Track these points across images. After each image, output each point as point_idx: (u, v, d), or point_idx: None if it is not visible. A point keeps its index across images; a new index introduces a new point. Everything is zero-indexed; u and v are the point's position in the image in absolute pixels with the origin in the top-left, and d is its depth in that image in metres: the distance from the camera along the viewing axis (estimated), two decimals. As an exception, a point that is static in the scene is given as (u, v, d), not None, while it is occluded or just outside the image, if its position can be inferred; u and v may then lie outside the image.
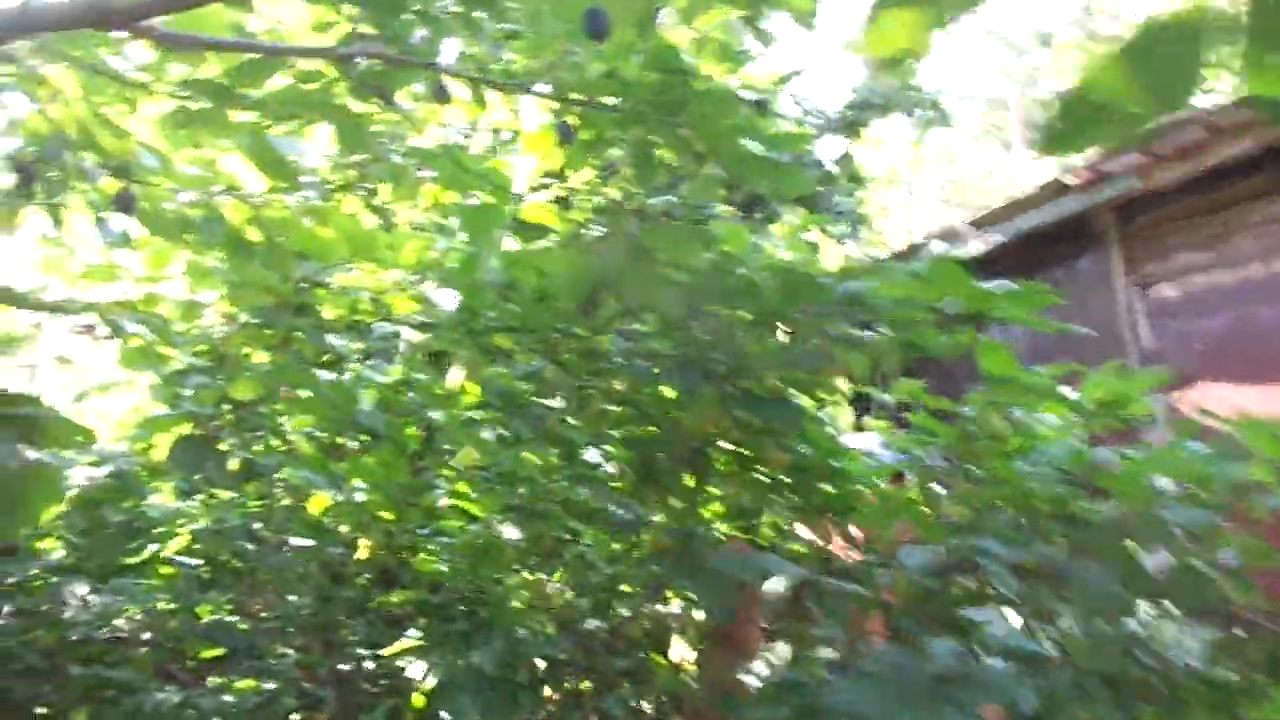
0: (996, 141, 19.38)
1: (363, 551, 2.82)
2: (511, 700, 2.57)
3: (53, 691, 3.09)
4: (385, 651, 3.13)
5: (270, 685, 3.12)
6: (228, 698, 3.12)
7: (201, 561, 3.32)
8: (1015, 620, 2.00)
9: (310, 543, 3.18)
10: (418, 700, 2.87)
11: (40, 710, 3.07)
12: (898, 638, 1.92)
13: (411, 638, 3.01)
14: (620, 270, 2.08)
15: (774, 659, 2.29)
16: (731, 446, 2.26)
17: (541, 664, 2.89)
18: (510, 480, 2.72)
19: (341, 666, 3.31)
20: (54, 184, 2.30)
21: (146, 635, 3.59)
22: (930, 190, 16.57)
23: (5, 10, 1.33)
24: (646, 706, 3.15)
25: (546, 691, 3.03)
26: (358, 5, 1.84)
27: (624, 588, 3.23)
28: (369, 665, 3.29)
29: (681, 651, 3.13)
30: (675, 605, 3.33)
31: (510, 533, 3.05)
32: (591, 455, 2.68)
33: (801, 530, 2.73)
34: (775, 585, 1.96)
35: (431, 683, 2.72)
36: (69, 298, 3.60)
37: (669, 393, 2.27)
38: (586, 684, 3.16)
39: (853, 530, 2.41)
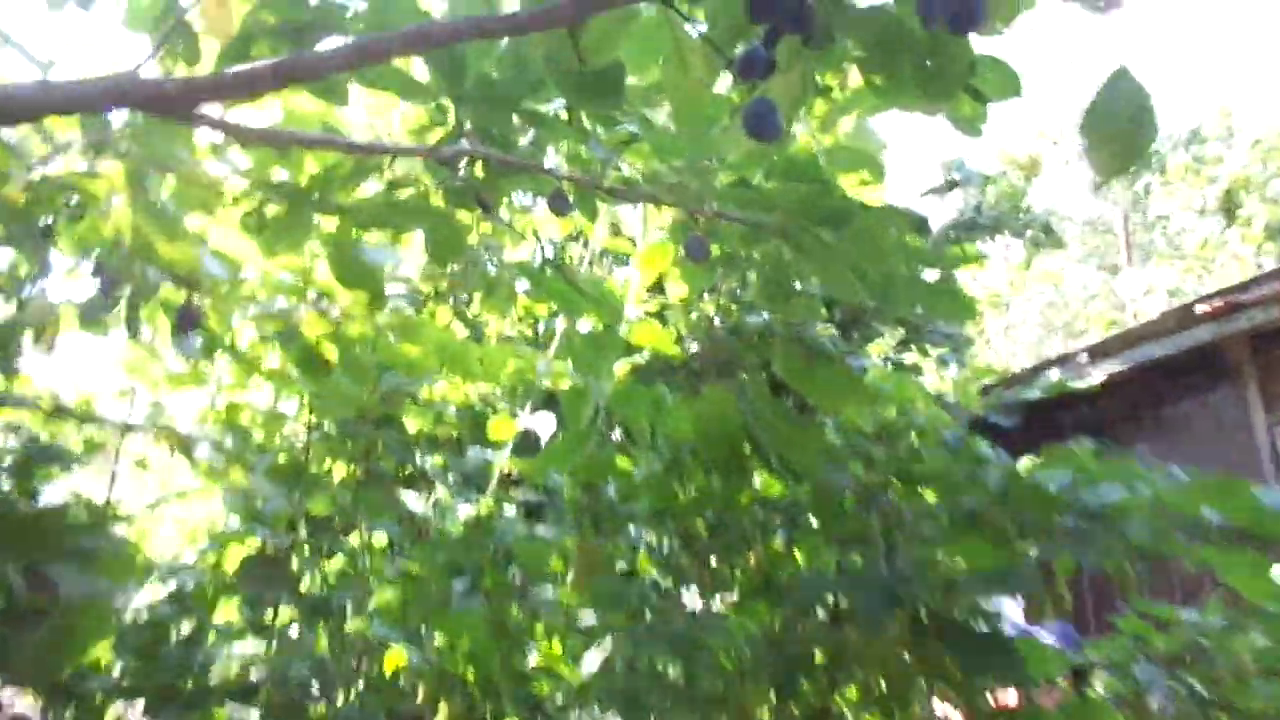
0: (1099, 264, 18.78)
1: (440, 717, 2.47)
2: None
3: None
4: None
5: None
6: None
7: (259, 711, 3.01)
8: None
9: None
10: None
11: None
12: None
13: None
14: (770, 425, 1.77)
15: None
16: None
17: None
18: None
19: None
20: (134, 289, 2.13)
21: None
22: (1031, 314, 16.04)
23: (24, 86, 1.13)
24: None
25: None
26: (462, 103, 1.64)
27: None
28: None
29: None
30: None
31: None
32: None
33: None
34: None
35: None
36: (138, 416, 3.44)
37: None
38: None
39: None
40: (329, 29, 1.45)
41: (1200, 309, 6.50)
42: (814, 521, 1.85)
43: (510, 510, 3.48)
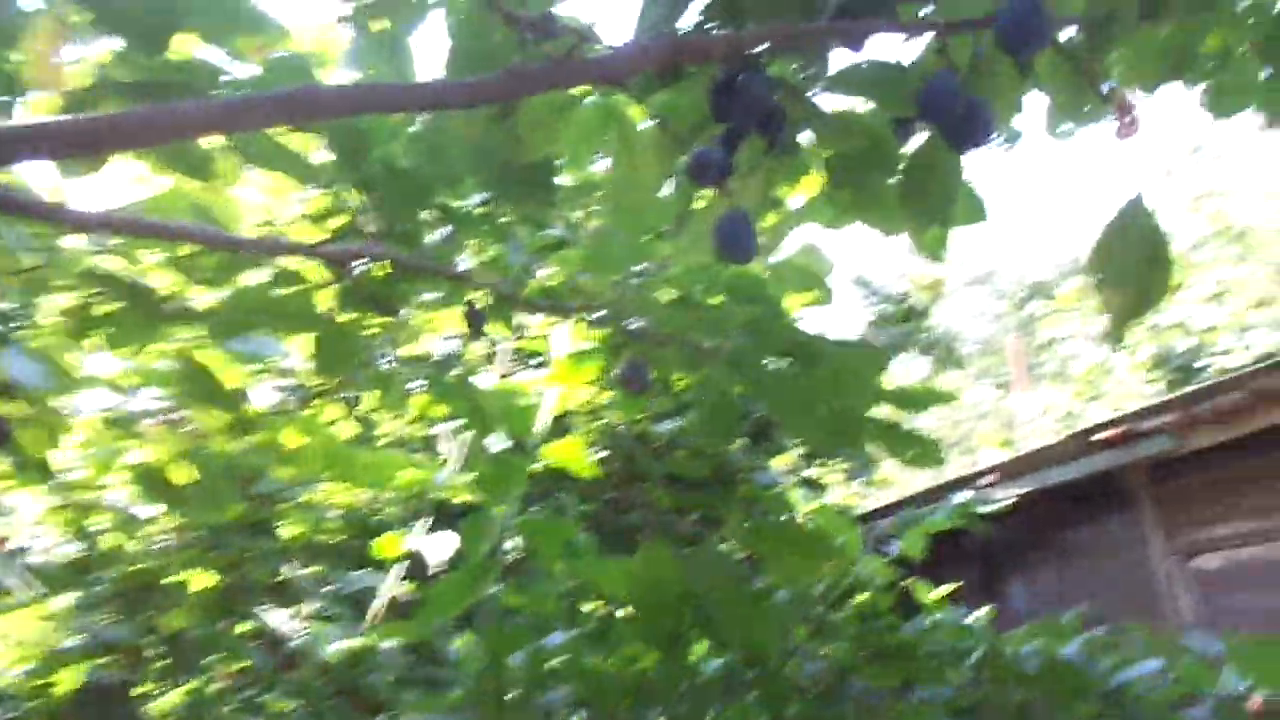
0: (991, 383, 19.38)
1: None
2: None
3: None
4: None
5: None
6: None
7: None
8: None
9: None
10: None
11: None
12: None
13: None
14: (720, 597, 1.49)
15: None
16: None
17: None
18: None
19: None
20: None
21: None
22: (929, 428, 16.27)
23: None
24: None
25: None
26: (366, 192, 1.38)
27: None
28: None
29: None
30: None
31: None
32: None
33: None
34: None
35: None
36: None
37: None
38: None
39: None
40: (199, 92, 1.18)
41: (1098, 436, 6.57)
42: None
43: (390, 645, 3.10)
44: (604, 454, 5.63)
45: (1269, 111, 1.40)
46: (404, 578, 3.42)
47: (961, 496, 7.28)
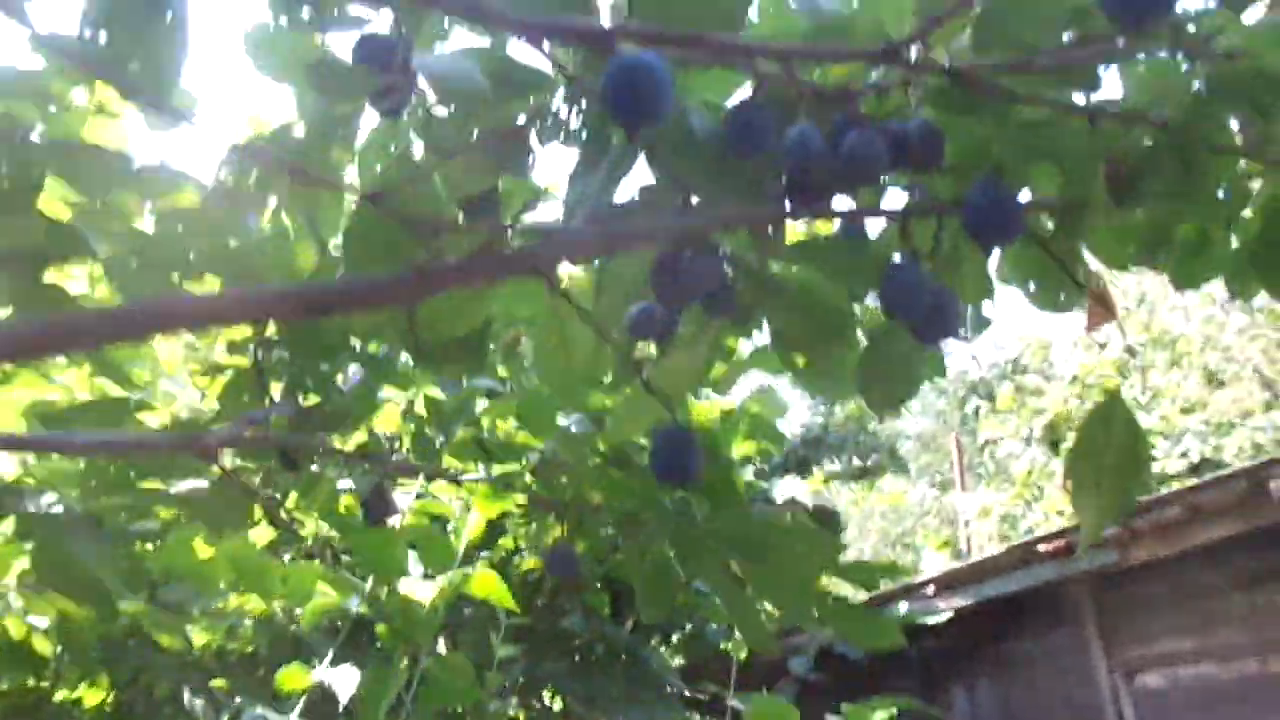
0: (931, 481, 19.50)
1: None
2: None
3: None
4: None
5: None
6: None
7: None
8: None
9: None
10: None
11: None
12: None
13: None
14: None
15: None
16: None
17: None
18: None
19: None
20: None
21: None
22: (871, 526, 16.29)
23: None
24: None
25: None
26: (269, 349, 1.24)
27: None
28: None
29: None
30: None
31: None
32: None
33: None
34: None
35: None
36: None
37: None
38: None
39: None
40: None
41: (1042, 548, 6.53)
42: None
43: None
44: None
45: (1235, 287, 1.33)
46: (308, 714, 3.15)
47: (903, 607, 7.18)
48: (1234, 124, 1.07)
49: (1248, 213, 1.19)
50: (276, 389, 1.38)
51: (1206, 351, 13.13)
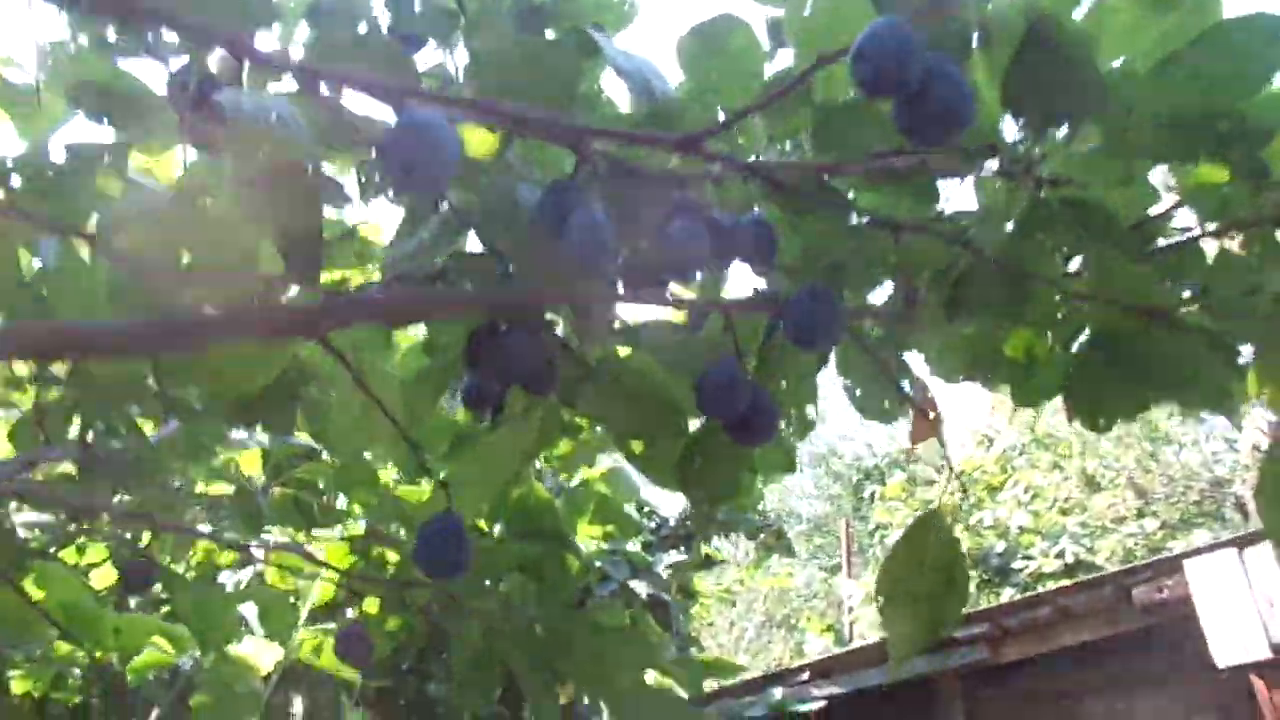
0: (820, 565, 19.65)
1: None
2: None
3: None
4: None
5: None
6: None
7: None
8: None
9: None
10: None
11: None
12: None
13: None
14: None
15: None
16: None
17: None
18: None
19: None
20: None
21: None
22: (756, 606, 16.27)
23: None
24: None
25: None
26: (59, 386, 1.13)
27: None
28: None
29: None
30: None
31: None
32: None
33: None
34: None
35: None
36: None
37: None
38: None
39: None
40: None
41: (916, 641, 6.58)
42: None
43: None
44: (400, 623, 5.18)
45: (1073, 408, 1.33)
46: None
47: (778, 693, 7.12)
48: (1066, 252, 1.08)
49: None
50: (73, 428, 1.26)
51: (1086, 456, 13.66)
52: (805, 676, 7.05)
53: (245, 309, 0.88)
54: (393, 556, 1.60)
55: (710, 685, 8.52)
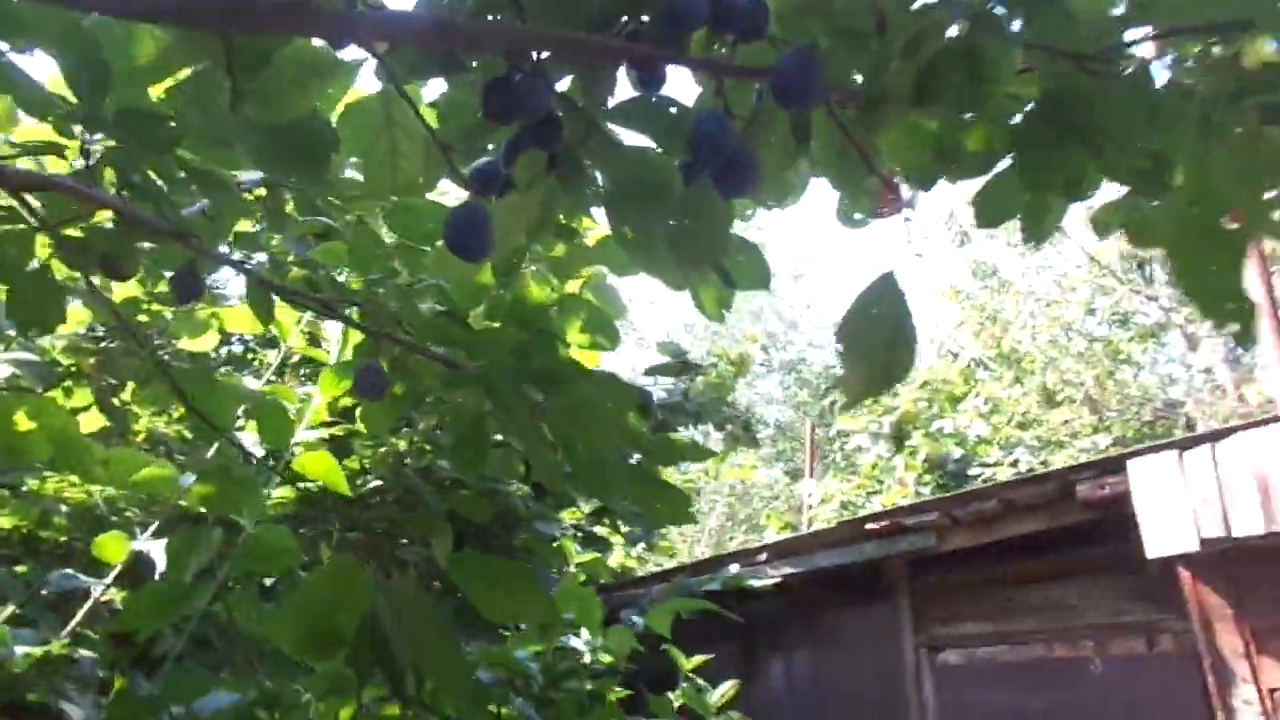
0: (784, 468, 20.20)
1: None
2: None
3: None
4: None
5: None
6: None
7: None
8: None
9: None
10: None
11: None
12: None
13: None
14: (413, 631, 1.37)
15: None
16: None
17: None
18: None
19: None
20: None
21: None
22: (719, 503, 16.77)
23: None
24: None
25: None
26: (101, 133, 1.23)
27: None
28: None
29: None
30: None
31: None
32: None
33: None
34: None
35: None
36: None
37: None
38: None
39: None
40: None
41: (870, 526, 6.89)
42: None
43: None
44: (379, 483, 5.37)
45: (1028, 227, 1.47)
46: (124, 584, 3.08)
47: (734, 568, 7.43)
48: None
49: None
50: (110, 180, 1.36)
51: (1048, 372, 14.06)
52: (764, 557, 7.36)
53: (306, 9, 0.97)
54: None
55: (670, 564, 8.87)
